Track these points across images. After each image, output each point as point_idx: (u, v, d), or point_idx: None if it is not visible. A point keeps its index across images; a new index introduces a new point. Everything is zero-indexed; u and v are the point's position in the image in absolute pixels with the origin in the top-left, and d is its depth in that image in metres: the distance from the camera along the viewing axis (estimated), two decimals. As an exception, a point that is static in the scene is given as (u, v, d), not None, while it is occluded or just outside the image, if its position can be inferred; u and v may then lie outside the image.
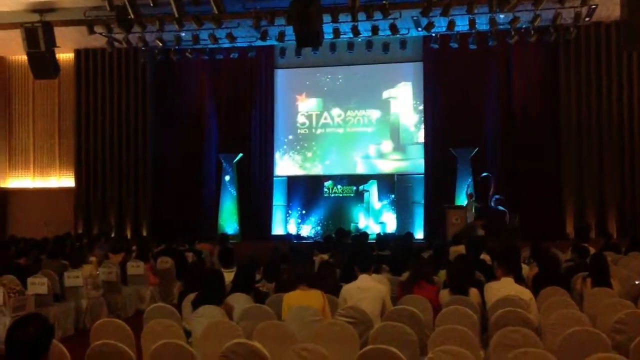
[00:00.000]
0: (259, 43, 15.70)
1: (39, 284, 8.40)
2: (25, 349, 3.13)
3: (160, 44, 15.31)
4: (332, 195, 17.43)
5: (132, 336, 5.08)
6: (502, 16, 14.03)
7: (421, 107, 17.24)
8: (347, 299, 6.01)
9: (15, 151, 19.00)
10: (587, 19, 13.87)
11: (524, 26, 14.21)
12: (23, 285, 8.30)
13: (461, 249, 9.94)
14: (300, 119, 18.13)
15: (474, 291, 6.23)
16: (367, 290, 6.01)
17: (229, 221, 17.22)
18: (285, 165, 18.11)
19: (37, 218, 17.62)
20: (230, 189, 17.37)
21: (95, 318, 8.48)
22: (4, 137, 18.90)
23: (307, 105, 18.11)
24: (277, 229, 17.69)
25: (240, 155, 17.47)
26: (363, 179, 17.46)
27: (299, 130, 18.14)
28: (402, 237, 13.51)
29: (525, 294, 5.98)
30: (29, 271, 8.85)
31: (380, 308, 5.91)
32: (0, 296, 7.71)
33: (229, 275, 6.91)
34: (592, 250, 9.15)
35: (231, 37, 14.98)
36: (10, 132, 19.01)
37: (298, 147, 18.13)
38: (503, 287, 6.02)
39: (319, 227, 17.27)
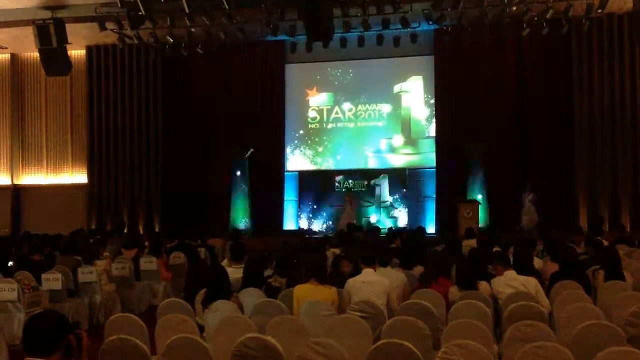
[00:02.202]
0: (270, 38, 15.69)
1: (53, 280, 8.47)
2: (41, 340, 3.19)
3: (171, 40, 15.33)
4: (344, 189, 17.40)
5: (146, 331, 5.11)
6: (514, 8, 13.94)
7: (432, 101, 17.17)
8: (352, 293, 6.02)
9: (28, 148, 19.10)
10: (599, 10, 13.75)
11: (535, 18, 14.11)
12: (37, 281, 8.37)
13: (473, 242, 9.95)
14: (311, 113, 18.11)
15: (484, 284, 6.25)
16: (373, 284, 6.03)
17: (240, 216, 17.23)
18: (296, 160, 18.10)
19: (50, 214, 17.72)
20: (241, 184, 17.38)
21: (109, 313, 8.54)
22: (17, 134, 19.02)
23: (317, 99, 18.08)
24: (289, 224, 17.70)
25: (252, 150, 17.48)
26: (374, 173, 17.40)
27: (309, 125, 18.11)
28: (414, 231, 13.51)
29: (530, 281, 6.14)
30: (43, 267, 8.92)
31: (385, 302, 5.93)
32: (15, 292, 7.77)
33: (238, 271, 6.95)
34: (606, 244, 9.13)
35: (242, 32, 14.98)
36: (23, 129, 19.11)
37: (309, 142, 18.11)
38: (508, 279, 6.19)
39: (330, 222, 17.25)
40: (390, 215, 17.03)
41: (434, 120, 17.12)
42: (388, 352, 4.15)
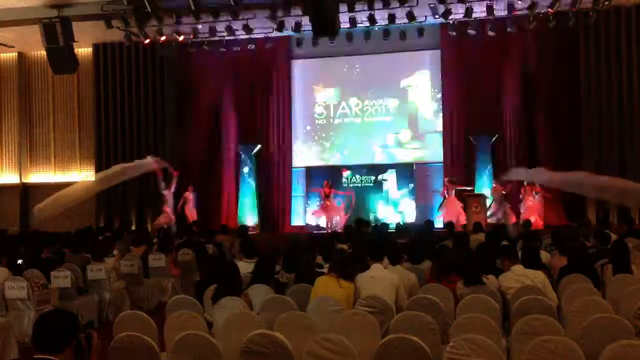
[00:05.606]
0: (276, 34, 15.69)
1: (62, 278, 8.51)
2: (51, 338, 3.22)
3: (177, 37, 15.35)
4: (351, 185, 17.37)
5: (154, 328, 5.13)
6: (520, 1, 13.88)
7: (439, 95, 17.13)
8: (361, 288, 6.01)
9: (36, 146, 19.16)
10: (606, 2, 13.68)
11: (542, 11, 14.05)
12: (47, 279, 8.40)
13: (482, 237, 9.93)
14: (318, 109, 18.09)
15: (491, 278, 6.25)
16: (381, 279, 6.02)
17: (248, 212, 17.25)
18: (304, 155, 18.08)
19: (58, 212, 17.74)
20: (249, 180, 17.40)
21: (118, 310, 8.56)
22: (24, 133, 19.08)
23: (324, 95, 18.06)
24: (297, 220, 17.70)
25: (259, 146, 17.50)
26: (382, 168, 17.36)
27: (316, 121, 18.10)
28: (422, 225, 13.48)
29: (538, 275, 6.15)
30: (52, 265, 8.96)
31: (394, 297, 5.93)
32: (25, 290, 7.81)
33: (250, 266, 6.95)
34: (614, 237, 9.09)
35: (248, 29, 14.97)
36: (31, 127, 19.18)
37: (316, 138, 18.10)
38: (515, 274, 6.20)
39: (337, 218, 17.20)
40: (398, 210, 17.00)
41: (441, 114, 17.07)
42: (396, 347, 4.16)
